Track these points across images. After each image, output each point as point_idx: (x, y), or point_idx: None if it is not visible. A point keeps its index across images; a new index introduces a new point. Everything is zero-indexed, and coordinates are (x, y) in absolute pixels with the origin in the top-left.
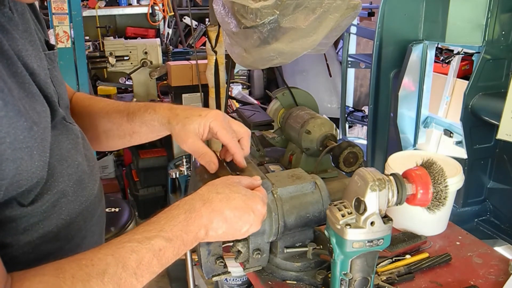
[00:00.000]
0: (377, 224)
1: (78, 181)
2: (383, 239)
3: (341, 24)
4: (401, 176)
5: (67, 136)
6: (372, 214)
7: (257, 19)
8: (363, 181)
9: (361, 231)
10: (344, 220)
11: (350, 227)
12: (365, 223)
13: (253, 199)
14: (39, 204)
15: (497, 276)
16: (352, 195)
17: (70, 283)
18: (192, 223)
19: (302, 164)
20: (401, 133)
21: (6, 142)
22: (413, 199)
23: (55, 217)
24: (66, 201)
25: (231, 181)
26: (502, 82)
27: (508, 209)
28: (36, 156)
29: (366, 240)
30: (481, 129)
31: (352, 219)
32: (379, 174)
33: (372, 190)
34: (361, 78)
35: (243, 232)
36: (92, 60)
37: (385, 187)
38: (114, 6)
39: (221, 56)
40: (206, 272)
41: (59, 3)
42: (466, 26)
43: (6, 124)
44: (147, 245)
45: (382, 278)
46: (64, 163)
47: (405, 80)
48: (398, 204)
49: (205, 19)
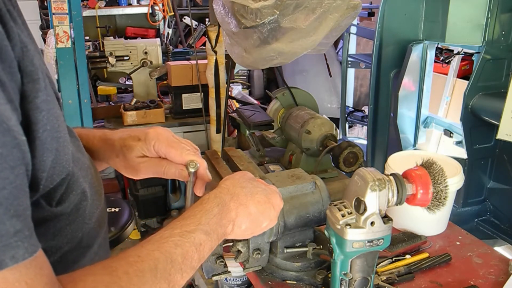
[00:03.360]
0: (377, 224)
1: (91, 184)
2: (383, 239)
3: (341, 24)
4: (401, 176)
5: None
6: (372, 214)
7: (257, 19)
8: (363, 181)
9: (361, 231)
10: (344, 220)
11: (350, 227)
12: (365, 223)
13: (273, 194)
14: (65, 205)
15: (497, 276)
16: (352, 195)
17: (126, 279)
18: (224, 217)
19: (302, 164)
20: (401, 133)
21: (47, 129)
22: (413, 199)
23: (79, 221)
24: (86, 204)
25: (249, 175)
26: (502, 82)
27: (508, 209)
28: (66, 149)
29: (366, 240)
30: (481, 129)
31: (352, 219)
32: (379, 174)
33: (372, 190)
34: (361, 78)
35: (263, 227)
36: (92, 60)
37: (385, 187)
38: (114, 6)
39: (221, 56)
40: (206, 272)
41: (59, 3)
42: (466, 26)
43: (46, 109)
44: (189, 239)
45: (382, 278)
46: (77, 164)
47: (405, 80)
48: (398, 204)
49: (205, 19)
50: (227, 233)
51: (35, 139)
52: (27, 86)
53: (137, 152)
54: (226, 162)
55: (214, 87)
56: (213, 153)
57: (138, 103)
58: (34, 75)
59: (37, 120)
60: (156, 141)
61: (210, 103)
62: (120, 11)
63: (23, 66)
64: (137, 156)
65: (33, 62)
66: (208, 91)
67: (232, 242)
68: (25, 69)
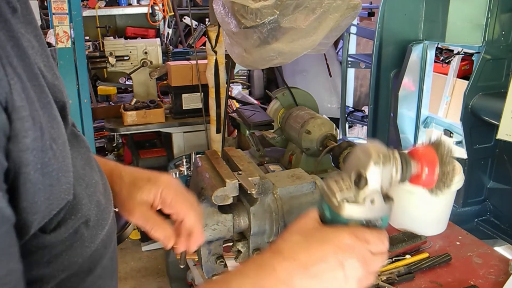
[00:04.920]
0: (378, 202)
1: (98, 203)
2: (382, 220)
3: (341, 24)
4: (406, 153)
5: (78, 150)
6: (373, 190)
7: (257, 19)
8: (365, 154)
9: (360, 208)
10: (342, 194)
11: (348, 202)
12: (364, 200)
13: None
14: (62, 231)
15: (497, 276)
16: (352, 169)
17: None
18: (264, 277)
19: (302, 164)
20: (401, 133)
21: (38, 168)
22: (418, 179)
23: (78, 245)
24: (88, 226)
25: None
26: (502, 82)
27: (508, 209)
28: (62, 179)
29: (364, 219)
30: (481, 129)
31: (350, 194)
32: (383, 148)
33: (375, 164)
34: (361, 78)
35: (344, 279)
36: (92, 60)
37: (390, 163)
38: (114, 6)
39: (221, 56)
40: (206, 272)
41: (59, 3)
42: (466, 26)
43: (37, 147)
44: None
45: (382, 278)
46: (82, 183)
47: (405, 80)
48: (401, 182)
49: (205, 19)
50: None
51: (26, 182)
52: (15, 124)
53: (144, 193)
54: (226, 162)
55: (214, 87)
56: (213, 153)
57: (138, 103)
58: (22, 111)
59: (28, 161)
60: (165, 188)
61: (210, 103)
62: (120, 11)
63: (10, 102)
64: (141, 198)
65: (23, 93)
66: (208, 91)
67: (232, 242)
68: (13, 104)
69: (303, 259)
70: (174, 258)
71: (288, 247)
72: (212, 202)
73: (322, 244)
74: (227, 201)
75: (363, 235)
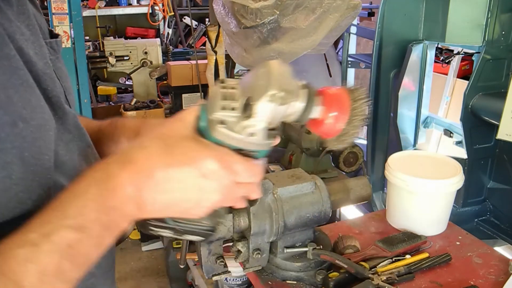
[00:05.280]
0: (258, 137)
1: None
2: (258, 153)
3: (341, 24)
4: (315, 95)
5: (78, 145)
6: (257, 125)
7: (257, 19)
8: (266, 82)
9: (235, 137)
10: (222, 113)
11: (225, 126)
12: (243, 131)
13: (200, 151)
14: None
15: (497, 276)
16: (249, 89)
17: None
18: (111, 197)
19: (302, 164)
20: (401, 133)
21: None
22: (317, 125)
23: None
24: None
25: (162, 131)
26: (502, 82)
27: (508, 209)
28: (30, 160)
29: (237, 147)
30: (481, 129)
31: (231, 117)
32: (289, 80)
33: (270, 101)
34: (361, 78)
35: (193, 203)
36: (92, 60)
37: (287, 103)
38: (114, 6)
39: (221, 56)
40: (206, 271)
41: (59, 3)
42: (466, 26)
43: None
44: (47, 246)
45: (382, 278)
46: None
47: (405, 80)
48: (296, 122)
49: (205, 19)
50: (132, 214)
51: None
52: None
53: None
54: None
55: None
56: None
57: (138, 103)
58: None
59: None
60: None
61: None
62: (120, 11)
63: None
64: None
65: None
66: (208, 91)
67: (232, 242)
68: None
69: (159, 175)
70: (174, 258)
71: (143, 157)
72: None
73: (183, 163)
74: None
75: (231, 164)
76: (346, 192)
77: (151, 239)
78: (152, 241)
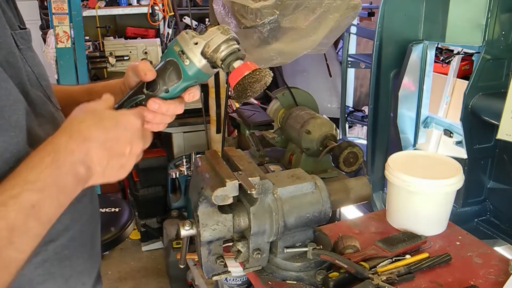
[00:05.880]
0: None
1: None
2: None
3: (341, 24)
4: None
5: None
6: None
7: (257, 19)
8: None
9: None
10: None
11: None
12: (197, 47)
13: (122, 115)
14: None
15: (497, 276)
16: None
17: None
18: (63, 163)
19: (302, 164)
20: (401, 133)
21: None
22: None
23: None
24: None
25: (88, 106)
26: (502, 82)
27: (508, 209)
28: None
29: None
30: (481, 129)
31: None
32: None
33: (219, 31)
34: (361, 78)
35: (128, 154)
36: (92, 60)
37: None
38: (114, 6)
39: None
40: (206, 271)
41: (59, 3)
42: (466, 26)
43: None
44: (14, 206)
45: (382, 278)
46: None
47: (405, 80)
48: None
49: (205, 19)
50: (83, 177)
51: None
52: None
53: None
54: (226, 162)
55: (214, 87)
56: (213, 153)
57: None
58: None
59: None
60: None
61: (210, 103)
62: (120, 11)
63: None
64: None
65: None
66: (208, 91)
67: (232, 242)
68: None
69: (101, 137)
70: (174, 258)
71: (85, 128)
72: (212, 202)
73: (116, 125)
74: (227, 201)
75: (142, 114)
76: (346, 192)
77: (151, 239)
78: (152, 241)
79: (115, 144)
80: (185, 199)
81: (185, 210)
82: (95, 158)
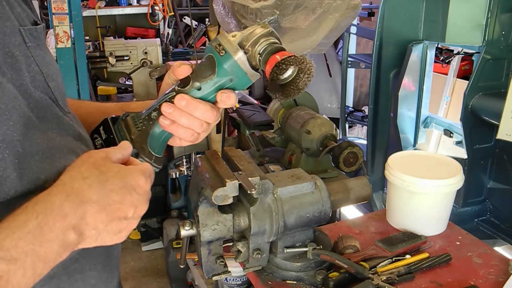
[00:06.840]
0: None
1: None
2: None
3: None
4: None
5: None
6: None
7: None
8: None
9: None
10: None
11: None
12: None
13: (132, 175)
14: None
15: (497, 276)
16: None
17: None
18: (49, 230)
19: (302, 164)
20: (401, 133)
21: None
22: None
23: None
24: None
25: (96, 157)
26: (502, 82)
27: (508, 209)
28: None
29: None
30: (481, 129)
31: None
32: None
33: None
34: (361, 78)
35: (130, 217)
36: (92, 60)
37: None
38: (114, 6)
39: None
40: (206, 272)
41: (59, 3)
42: (466, 26)
43: None
44: None
45: (382, 278)
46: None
47: (405, 80)
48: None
49: (205, 19)
50: (72, 242)
51: None
52: None
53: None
54: (226, 162)
55: None
56: (213, 153)
57: None
58: None
59: None
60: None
61: None
62: (120, 11)
63: None
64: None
65: None
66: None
67: (232, 242)
68: None
69: (103, 200)
70: (174, 258)
71: (87, 187)
72: (212, 202)
73: (123, 186)
74: (227, 201)
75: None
76: (346, 192)
77: (151, 239)
78: (152, 241)
79: (118, 207)
80: (185, 199)
81: (185, 210)
82: (91, 222)
